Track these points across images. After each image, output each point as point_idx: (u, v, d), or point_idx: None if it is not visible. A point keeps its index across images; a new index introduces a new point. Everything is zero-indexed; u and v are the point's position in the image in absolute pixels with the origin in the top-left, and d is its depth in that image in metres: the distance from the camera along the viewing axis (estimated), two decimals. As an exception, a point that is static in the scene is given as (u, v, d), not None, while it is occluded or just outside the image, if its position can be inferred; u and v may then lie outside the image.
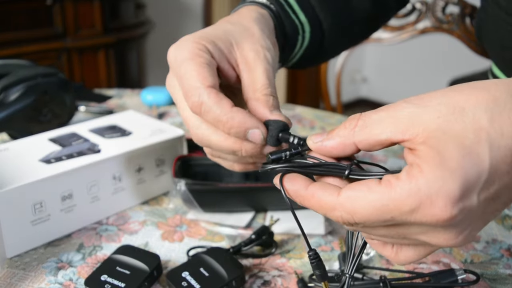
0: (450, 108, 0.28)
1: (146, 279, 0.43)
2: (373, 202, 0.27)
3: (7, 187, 0.46)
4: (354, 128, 0.30)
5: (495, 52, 0.65)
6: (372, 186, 0.28)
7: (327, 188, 0.30)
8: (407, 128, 0.28)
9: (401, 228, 0.28)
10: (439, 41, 2.05)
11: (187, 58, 0.35)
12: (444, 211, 0.26)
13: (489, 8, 0.62)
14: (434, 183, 0.26)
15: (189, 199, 0.53)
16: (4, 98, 0.66)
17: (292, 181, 0.31)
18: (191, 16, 2.88)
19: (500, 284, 0.45)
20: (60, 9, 1.90)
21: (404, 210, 0.27)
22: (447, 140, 0.27)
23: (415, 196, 0.26)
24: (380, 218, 0.27)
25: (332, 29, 0.51)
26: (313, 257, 0.34)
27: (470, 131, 0.27)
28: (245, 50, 0.38)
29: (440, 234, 0.28)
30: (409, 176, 0.27)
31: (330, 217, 0.30)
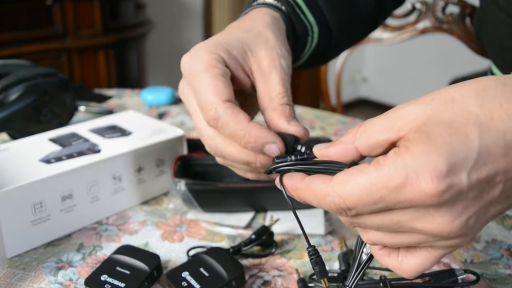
0: (441, 100, 0.28)
1: (146, 279, 0.43)
2: (362, 183, 0.27)
3: (7, 187, 0.46)
4: (356, 133, 0.31)
5: (495, 53, 0.65)
6: (362, 167, 0.28)
7: (321, 177, 0.30)
8: (402, 126, 0.28)
9: (394, 214, 0.28)
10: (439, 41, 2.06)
11: (202, 70, 0.36)
12: (430, 185, 0.26)
13: (488, 8, 0.62)
14: (419, 158, 0.26)
15: (189, 199, 0.53)
16: (4, 98, 0.66)
17: (289, 177, 0.32)
18: (191, 16, 2.88)
19: (500, 284, 0.45)
20: (60, 9, 1.90)
21: (391, 187, 0.27)
22: (436, 124, 0.27)
23: (401, 171, 0.26)
24: (370, 199, 0.27)
25: (338, 29, 0.52)
26: (312, 253, 0.34)
27: (460, 116, 0.27)
28: (260, 57, 0.38)
29: (433, 218, 0.27)
30: (396, 154, 0.27)
31: (323, 206, 0.30)
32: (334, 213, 0.30)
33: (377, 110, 3.58)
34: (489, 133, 0.26)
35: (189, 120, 0.85)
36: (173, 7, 2.76)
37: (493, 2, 0.59)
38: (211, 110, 0.35)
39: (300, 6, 0.47)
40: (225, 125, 0.34)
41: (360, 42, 1.12)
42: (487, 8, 0.62)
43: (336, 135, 0.81)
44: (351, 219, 0.30)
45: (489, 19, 0.62)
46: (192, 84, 0.36)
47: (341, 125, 0.85)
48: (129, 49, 2.23)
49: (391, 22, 1.09)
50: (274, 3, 0.45)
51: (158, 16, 2.58)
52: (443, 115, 0.27)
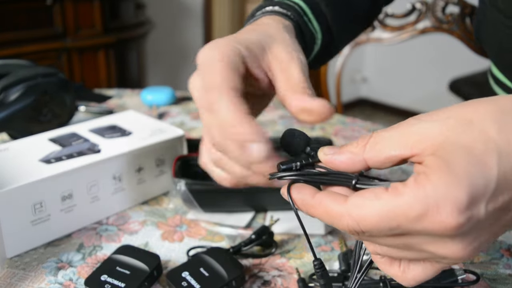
0: (458, 120, 0.28)
1: (146, 279, 0.43)
2: (379, 209, 0.27)
3: (7, 187, 0.46)
4: (365, 145, 0.30)
5: (494, 54, 0.65)
6: (379, 193, 0.28)
7: (334, 196, 0.30)
8: (415, 143, 0.28)
9: (408, 238, 0.28)
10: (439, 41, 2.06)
11: (216, 59, 0.35)
12: (451, 218, 0.26)
13: (487, 10, 0.62)
14: (441, 189, 0.26)
15: (189, 199, 0.53)
16: (4, 98, 0.66)
17: (299, 190, 0.31)
18: (191, 16, 2.88)
19: (500, 284, 0.45)
20: (60, 9, 1.90)
21: (410, 216, 0.26)
22: (455, 150, 0.27)
23: (422, 202, 0.26)
24: (386, 226, 0.27)
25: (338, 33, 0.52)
26: (318, 266, 0.34)
27: (478, 142, 0.27)
28: (278, 52, 0.38)
29: (447, 245, 0.27)
30: (416, 182, 0.27)
31: (336, 225, 0.29)
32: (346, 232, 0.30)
33: (377, 110, 3.58)
34: (508, 160, 0.26)
35: (189, 120, 0.85)
36: (173, 7, 2.76)
37: (492, 4, 0.59)
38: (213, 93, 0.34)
39: (306, 14, 0.47)
40: (219, 110, 0.33)
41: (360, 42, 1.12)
42: (486, 9, 0.62)
43: (336, 135, 0.81)
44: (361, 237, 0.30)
45: (488, 20, 0.62)
46: (203, 72, 0.35)
47: (341, 125, 0.85)
48: (129, 49, 2.23)
49: (391, 22, 1.09)
50: (284, 12, 0.45)
51: (158, 16, 2.58)
52: (461, 139, 0.27)
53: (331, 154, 0.32)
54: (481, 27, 0.65)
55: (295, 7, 0.46)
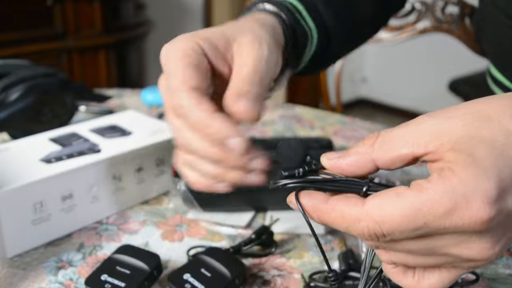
0: (475, 116, 0.27)
1: (146, 278, 0.43)
2: (403, 207, 0.25)
3: (7, 187, 0.46)
4: (373, 145, 0.29)
5: (494, 54, 0.65)
6: (401, 191, 0.26)
7: (350, 199, 0.28)
8: (431, 140, 0.27)
9: (432, 240, 0.27)
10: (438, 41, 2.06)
11: (176, 57, 0.34)
12: (482, 211, 0.24)
13: (487, 9, 0.62)
14: (469, 182, 0.25)
15: (189, 199, 0.53)
16: (5, 98, 0.66)
17: (309, 196, 0.29)
18: (191, 16, 2.88)
19: (500, 284, 0.45)
20: (61, 9, 1.90)
21: (439, 212, 0.25)
22: (476, 143, 0.26)
23: (450, 196, 0.25)
24: (411, 226, 0.25)
25: (337, 35, 0.50)
26: (334, 278, 0.32)
27: (499, 135, 0.26)
28: (242, 44, 0.36)
29: (475, 244, 0.26)
30: (442, 177, 0.25)
31: (353, 231, 0.28)
32: (364, 239, 0.28)
33: (377, 110, 3.58)
34: None
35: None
36: (173, 7, 2.76)
37: (492, 3, 0.59)
38: (175, 96, 0.33)
39: (300, 12, 0.46)
40: (188, 113, 0.32)
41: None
42: (485, 9, 0.62)
43: (336, 135, 0.81)
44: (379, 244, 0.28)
45: (488, 20, 0.62)
46: (165, 72, 0.34)
47: (341, 125, 0.85)
48: (129, 49, 2.23)
49: (391, 22, 1.09)
50: (274, 10, 0.44)
51: (158, 16, 2.58)
52: (481, 133, 0.26)
53: (335, 158, 0.30)
54: (481, 27, 0.65)
55: (287, 5, 0.45)
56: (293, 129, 0.82)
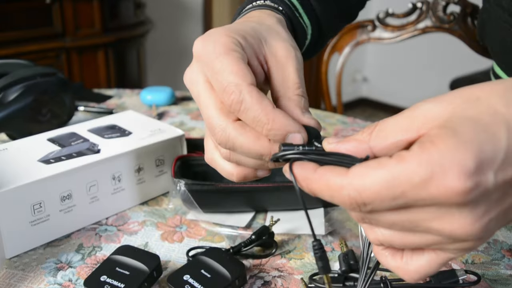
0: (464, 98, 0.27)
1: (145, 279, 0.43)
2: (383, 176, 0.26)
3: (6, 188, 0.46)
4: (371, 133, 0.29)
5: (497, 53, 0.65)
6: (382, 160, 0.27)
7: (336, 169, 0.28)
8: (422, 124, 0.27)
9: (413, 212, 0.27)
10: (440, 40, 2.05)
11: (222, 52, 0.33)
12: (457, 182, 0.24)
13: (491, 9, 0.61)
14: (447, 153, 0.25)
15: (189, 199, 0.53)
16: (3, 98, 0.66)
17: (300, 166, 0.30)
18: (191, 16, 2.87)
19: (501, 285, 0.45)
20: (59, 9, 1.90)
21: (415, 181, 0.25)
22: (461, 121, 0.26)
23: (426, 165, 0.25)
24: (390, 194, 0.26)
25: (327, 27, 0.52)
26: (317, 247, 0.32)
27: (486, 114, 0.26)
28: (275, 47, 0.36)
29: (455, 217, 0.26)
30: (421, 147, 0.26)
31: (336, 200, 0.28)
32: (347, 207, 0.28)
33: (378, 110, 3.58)
34: None
35: (189, 120, 0.85)
36: (173, 7, 2.76)
37: (496, 3, 0.59)
38: (234, 92, 0.32)
39: (297, 9, 0.46)
40: (248, 109, 0.32)
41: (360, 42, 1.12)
42: (490, 8, 0.62)
43: (336, 135, 0.80)
44: (363, 215, 0.29)
45: (492, 19, 0.62)
46: (210, 67, 0.34)
47: (341, 125, 0.85)
48: (129, 48, 2.23)
49: (392, 21, 1.08)
50: (274, 6, 0.44)
51: (158, 16, 2.58)
52: (468, 112, 0.26)
53: (335, 142, 0.31)
54: (485, 26, 0.65)
55: (285, 1, 0.45)
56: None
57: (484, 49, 0.97)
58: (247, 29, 0.37)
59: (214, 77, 0.34)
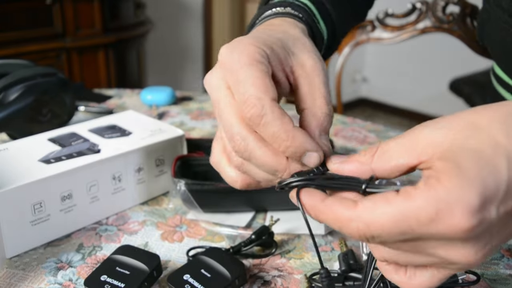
0: (464, 126, 0.28)
1: (146, 279, 0.43)
2: (391, 213, 0.27)
3: (6, 187, 0.46)
4: (373, 155, 0.30)
5: (498, 54, 0.65)
6: (390, 197, 0.27)
7: (344, 201, 0.29)
8: (423, 150, 0.28)
9: (419, 242, 0.28)
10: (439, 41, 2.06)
11: (247, 63, 0.33)
12: (463, 220, 0.26)
13: (490, 10, 0.61)
14: (452, 192, 0.26)
15: (189, 199, 0.53)
16: (4, 98, 0.66)
17: (308, 194, 0.31)
18: (191, 16, 2.88)
19: (501, 285, 0.45)
20: (60, 9, 1.90)
21: (422, 219, 0.26)
22: (463, 153, 0.27)
23: (433, 205, 0.26)
24: (398, 230, 0.27)
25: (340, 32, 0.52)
26: (325, 275, 0.34)
27: (487, 146, 0.27)
28: (302, 58, 0.36)
29: (458, 249, 0.27)
30: (427, 185, 0.27)
31: (346, 230, 0.29)
32: (355, 238, 0.29)
33: (378, 110, 3.58)
34: None
35: (189, 120, 0.85)
36: (173, 7, 2.76)
37: (496, 3, 0.59)
38: (256, 106, 0.32)
39: (314, 14, 0.46)
40: (269, 125, 0.32)
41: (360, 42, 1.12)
42: (490, 9, 0.62)
43: (336, 135, 0.80)
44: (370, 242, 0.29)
45: (492, 20, 0.62)
46: (234, 76, 0.33)
47: (341, 125, 0.85)
48: (129, 49, 2.23)
49: (392, 21, 1.08)
50: (296, 13, 0.43)
51: (158, 16, 2.58)
52: (469, 143, 0.27)
53: (338, 163, 0.32)
54: (485, 26, 0.65)
55: (305, 8, 0.45)
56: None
57: (484, 50, 0.97)
58: (274, 40, 0.36)
59: (236, 87, 0.33)
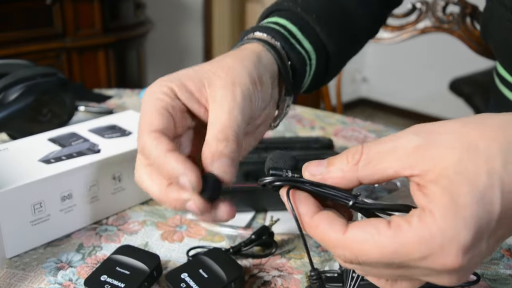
0: (463, 145, 0.27)
1: (146, 279, 0.43)
2: (382, 247, 0.27)
3: (6, 187, 0.46)
4: (357, 164, 0.29)
5: (501, 52, 0.64)
6: (381, 228, 0.27)
7: (333, 223, 0.29)
8: (416, 163, 0.27)
9: (406, 270, 0.28)
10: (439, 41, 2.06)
11: (149, 101, 0.36)
12: (455, 260, 0.26)
13: (494, 8, 0.61)
14: (447, 232, 0.25)
15: (189, 199, 0.53)
16: (4, 98, 0.66)
17: (300, 202, 0.31)
18: (191, 16, 2.88)
19: (501, 284, 0.45)
20: (60, 9, 1.90)
21: (414, 257, 0.26)
22: (460, 182, 0.26)
23: (427, 244, 0.26)
24: (387, 262, 0.27)
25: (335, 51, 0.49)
26: (316, 277, 0.34)
27: (484, 173, 0.26)
28: (215, 87, 0.36)
29: (444, 277, 0.28)
30: (421, 222, 0.26)
31: (332, 252, 0.29)
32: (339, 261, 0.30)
33: (378, 110, 3.58)
34: (509, 197, 0.26)
35: (189, 120, 0.85)
36: (173, 7, 2.76)
37: (499, 1, 0.59)
38: (138, 137, 0.35)
39: (295, 35, 0.45)
40: (148, 154, 0.34)
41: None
42: (493, 7, 0.62)
43: (336, 135, 0.80)
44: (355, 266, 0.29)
45: (495, 18, 0.61)
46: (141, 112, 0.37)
47: (341, 125, 0.85)
48: (129, 49, 2.23)
49: (391, 22, 1.08)
50: (266, 38, 0.43)
51: (158, 16, 2.58)
52: (467, 167, 0.26)
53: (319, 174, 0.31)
54: (488, 25, 0.65)
55: (281, 30, 0.44)
56: (293, 129, 0.82)
57: (484, 50, 0.97)
58: (191, 73, 0.37)
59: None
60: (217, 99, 0.36)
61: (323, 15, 0.47)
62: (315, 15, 0.47)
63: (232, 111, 0.35)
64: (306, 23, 0.46)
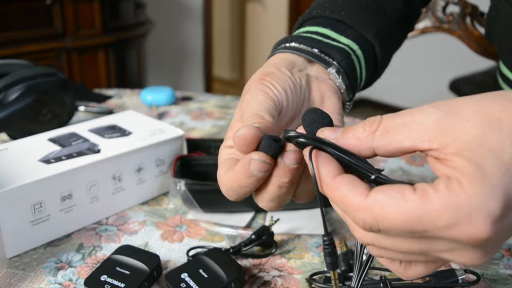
0: (484, 118, 0.26)
1: (146, 279, 0.43)
2: (406, 212, 0.25)
3: (6, 187, 0.46)
4: (374, 132, 0.28)
5: (506, 51, 0.64)
6: (406, 193, 0.26)
7: (355, 185, 0.27)
8: (436, 137, 0.26)
9: (428, 243, 0.27)
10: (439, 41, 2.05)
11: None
12: (483, 230, 0.24)
13: (500, 7, 0.61)
14: (475, 199, 0.24)
15: (189, 199, 0.53)
16: (4, 98, 0.66)
17: (322, 162, 0.29)
18: (191, 16, 2.88)
19: (501, 284, 0.45)
20: (60, 9, 1.90)
21: (439, 224, 0.25)
22: (485, 153, 0.25)
23: (453, 212, 0.24)
24: (410, 229, 0.25)
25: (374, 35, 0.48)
26: (328, 242, 0.31)
27: (508, 145, 0.25)
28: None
29: (468, 253, 0.26)
30: (449, 189, 0.25)
31: (350, 217, 0.27)
32: (358, 226, 0.27)
33: (377, 110, 3.58)
34: None
35: (189, 120, 0.85)
36: (173, 7, 2.76)
37: (506, 0, 0.59)
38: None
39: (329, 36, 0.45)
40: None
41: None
42: (498, 5, 0.62)
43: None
44: (373, 237, 0.28)
45: (501, 17, 0.61)
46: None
47: (341, 125, 0.85)
48: (129, 49, 2.23)
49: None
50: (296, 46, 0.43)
51: (158, 16, 2.58)
52: (490, 140, 0.25)
53: (333, 139, 0.29)
54: (493, 23, 0.65)
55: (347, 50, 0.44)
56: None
57: (484, 50, 0.97)
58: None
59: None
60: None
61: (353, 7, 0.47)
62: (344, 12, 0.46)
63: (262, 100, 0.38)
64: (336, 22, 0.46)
